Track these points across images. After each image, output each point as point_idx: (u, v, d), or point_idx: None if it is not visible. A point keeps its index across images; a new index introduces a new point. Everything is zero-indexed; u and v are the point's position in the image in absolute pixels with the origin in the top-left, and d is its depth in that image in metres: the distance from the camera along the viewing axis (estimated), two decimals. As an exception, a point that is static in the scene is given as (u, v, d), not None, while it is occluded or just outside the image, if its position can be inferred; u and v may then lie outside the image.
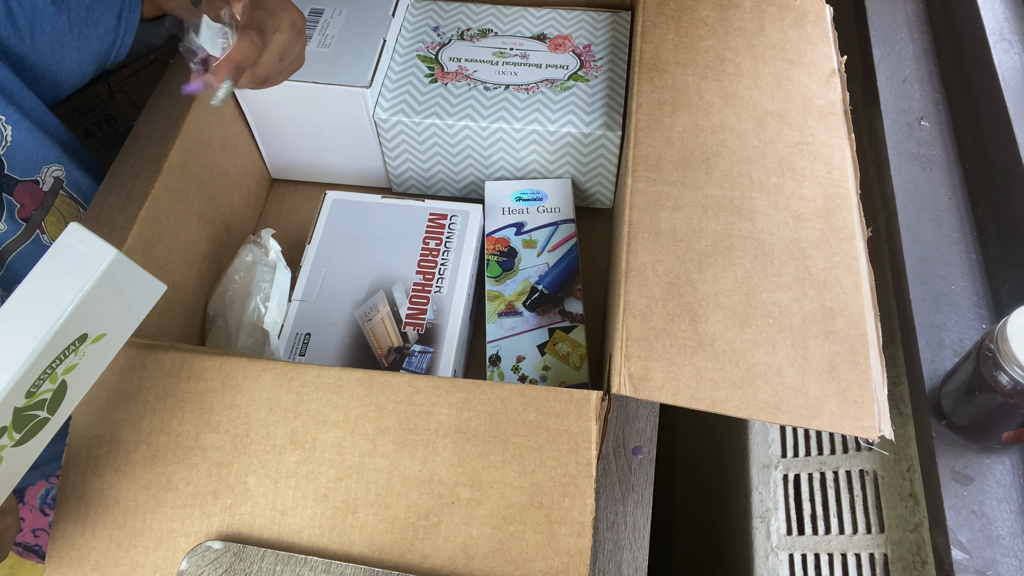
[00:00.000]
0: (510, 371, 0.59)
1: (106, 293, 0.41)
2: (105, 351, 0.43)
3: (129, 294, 0.43)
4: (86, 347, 0.41)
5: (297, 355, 0.60)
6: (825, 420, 0.45)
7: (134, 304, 0.44)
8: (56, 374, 0.41)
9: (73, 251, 0.40)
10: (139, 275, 0.43)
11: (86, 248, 0.40)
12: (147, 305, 0.44)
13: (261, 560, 0.44)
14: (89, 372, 0.43)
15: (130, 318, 0.44)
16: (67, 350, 0.41)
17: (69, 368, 0.41)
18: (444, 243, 0.64)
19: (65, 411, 0.42)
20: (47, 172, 0.58)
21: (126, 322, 0.44)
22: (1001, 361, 0.47)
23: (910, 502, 0.57)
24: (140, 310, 0.44)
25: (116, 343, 0.44)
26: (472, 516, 0.45)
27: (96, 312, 0.41)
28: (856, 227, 0.52)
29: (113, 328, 0.43)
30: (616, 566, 0.59)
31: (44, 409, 0.41)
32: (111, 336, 0.43)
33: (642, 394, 0.45)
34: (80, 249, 0.40)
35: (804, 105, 0.58)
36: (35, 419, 0.41)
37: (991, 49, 0.66)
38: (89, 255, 0.40)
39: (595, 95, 0.67)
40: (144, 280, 0.44)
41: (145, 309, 0.44)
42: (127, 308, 0.43)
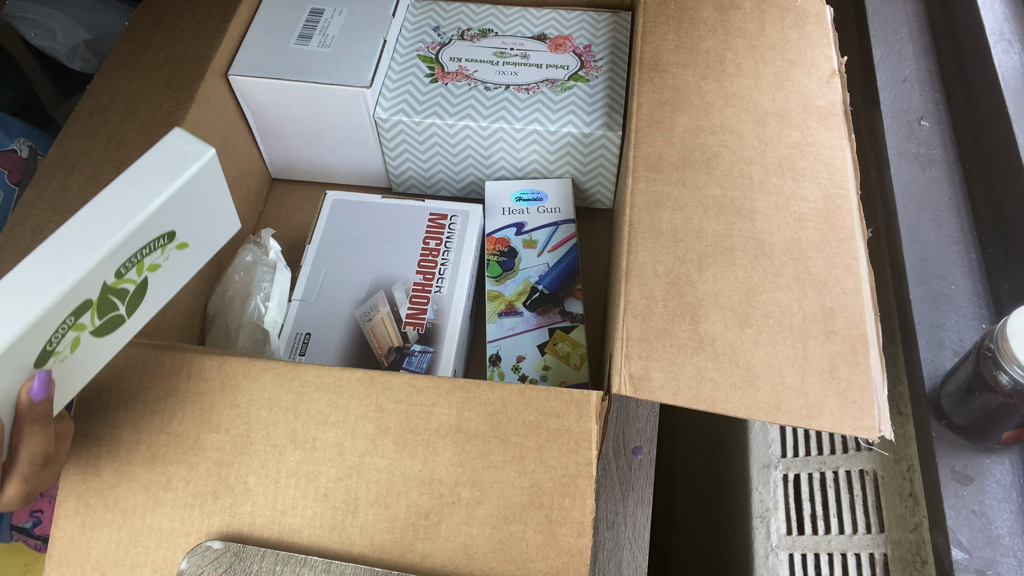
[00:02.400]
0: (510, 371, 0.59)
1: (199, 193, 0.44)
2: (181, 268, 0.45)
3: (214, 209, 0.46)
4: (171, 250, 0.44)
5: (297, 355, 0.60)
6: (825, 420, 0.45)
7: (214, 226, 0.47)
8: (143, 265, 0.43)
9: (175, 148, 0.43)
10: (224, 193, 0.46)
11: (187, 146, 0.43)
12: (223, 235, 0.47)
13: (261, 560, 0.44)
14: (165, 285, 0.45)
15: (208, 242, 0.46)
16: (156, 242, 0.43)
17: (154, 267, 0.43)
18: (444, 243, 0.64)
19: (138, 319, 0.44)
20: (20, 143, 0.61)
21: (204, 245, 0.46)
22: (1001, 361, 0.47)
23: (910, 502, 0.57)
24: (217, 237, 0.47)
25: (192, 264, 0.46)
26: (472, 516, 0.45)
27: (187, 211, 0.43)
28: (856, 227, 0.52)
29: (194, 242, 0.45)
30: (616, 566, 0.59)
31: (124, 303, 0.43)
32: (191, 252, 0.45)
33: (642, 394, 0.45)
34: (182, 146, 0.43)
35: (804, 106, 0.58)
36: (115, 312, 0.42)
37: (991, 49, 0.66)
38: (190, 151, 0.43)
39: (595, 95, 0.67)
40: (227, 203, 0.47)
41: (220, 240, 0.47)
42: (209, 226, 0.46)
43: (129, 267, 0.42)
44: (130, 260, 0.42)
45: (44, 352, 0.39)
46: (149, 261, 0.43)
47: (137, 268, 0.42)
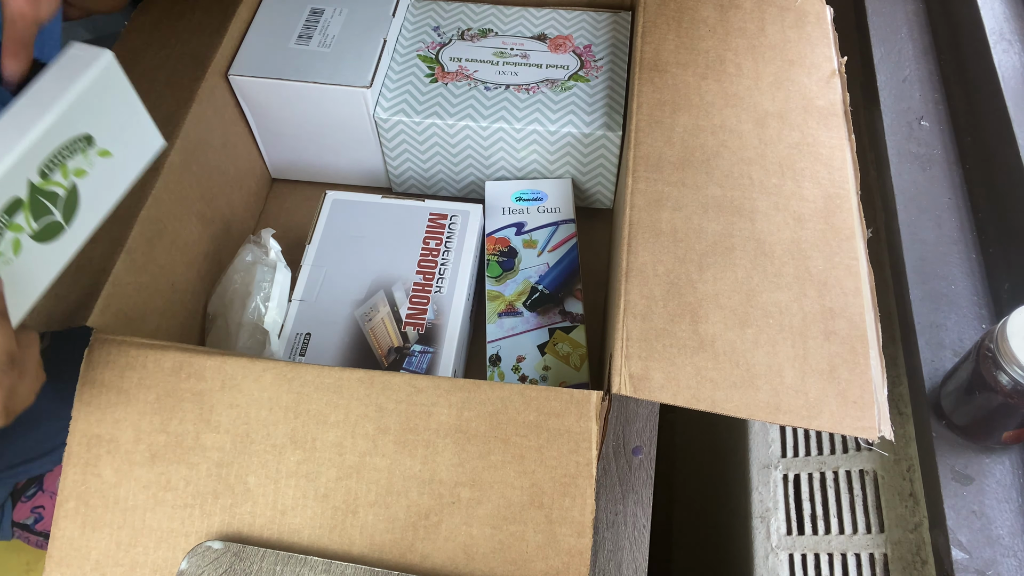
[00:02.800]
0: (510, 371, 0.59)
1: (105, 96, 0.46)
2: (111, 180, 0.47)
3: (129, 117, 0.47)
4: (94, 157, 0.45)
5: (297, 355, 0.60)
6: (825, 420, 0.45)
7: (135, 138, 0.48)
8: (67, 168, 0.44)
9: (74, 57, 0.45)
10: (135, 102, 0.48)
11: (85, 53, 0.46)
12: (147, 150, 0.49)
13: (261, 560, 0.44)
14: (98, 196, 0.46)
15: (132, 155, 0.48)
16: (75, 145, 0.44)
17: (79, 171, 0.45)
18: (444, 243, 0.64)
19: (80, 230, 0.45)
20: None
21: (129, 157, 0.47)
22: (1001, 361, 0.47)
23: (910, 502, 0.57)
24: (141, 151, 0.48)
25: (120, 177, 0.47)
26: (472, 516, 0.45)
27: (97, 114, 0.45)
28: (856, 227, 0.52)
29: (117, 151, 0.46)
30: (616, 566, 0.59)
31: (59, 209, 0.44)
32: (116, 162, 0.46)
33: (642, 394, 0.45)
34: (80, 55, 0.45)
35: (804, 106, 0.58)
36: (51, 218, 0.44)
37: (991, 49, 0.66)
38: (89, 56, 0.45)
39: (595, 95, 0.67)
40: (142, 114, 0.48)
41: (146, 155, 0.49)
42: (128, 136, 0.47)
43: (52, 168, 0.44)
44: (52, 161, 0.44)
45: None
46: (73, 165, 0.45)
47: (62, 171, 0.44)
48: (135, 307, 0.54)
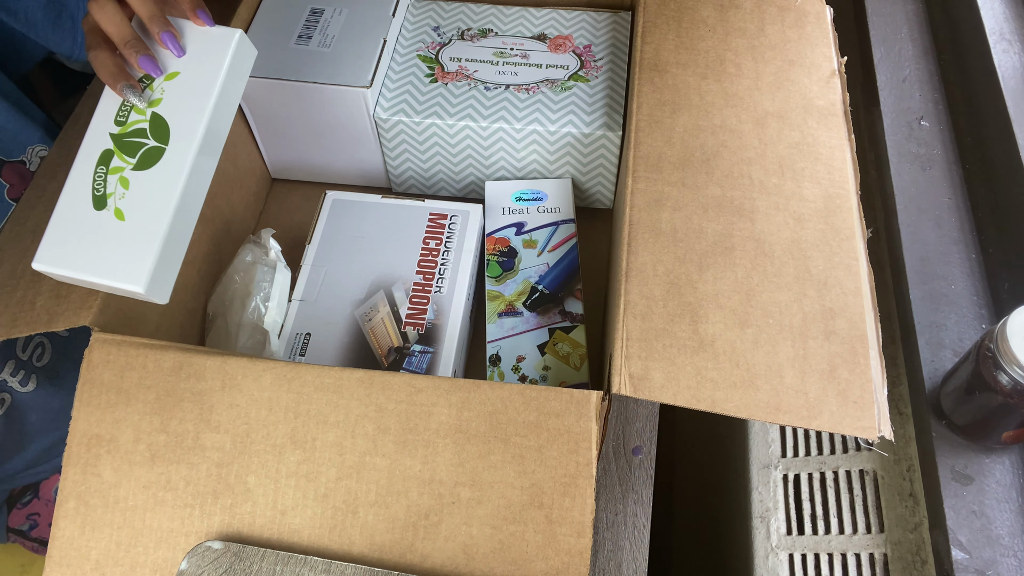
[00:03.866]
0: (510, 371, 0.59)
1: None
2: (194, 91, 0.49)
3: (191, 31, 0.50)
4: (162, 84, 0.49)
5: (297, 355, 0.60)
6: (825, 420, 0.45)
7: (204, 47, 0.50)
8: (139, 107, 0.49)
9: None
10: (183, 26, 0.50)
11: None
12: (221, 53, 0.50)
13: (261, 560, 0.44)
14: (188, 108, 0.48)
15: (207, 64, 0.49)
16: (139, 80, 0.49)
17: (154, 102, 0.48)
18: (444, 243, 0.64)
19: (181, 145, 0.48)
20: (32, 152, 0.60)
21: (203, 67, 0.49)
22: (1001, 361, 0.47)
23: (910, 502, 0.57)
24: (215, 58, 0.50)
25: (203, 85, 0.49)
26: (472, 516, 0.45)
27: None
28: (856, 227, 0.52)
29: (184, 69, 0.49)
30: (616, 566, 0.59)
31: (148, 136, 0.48)
32: (189, 77, 0.49)
33: (642, 394, 0.45)
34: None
35: (804, 106, 0.58)
36: (144, 145, 0.48)
37: (991, 49, 0.66)
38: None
39: (595, 95, 0.67)
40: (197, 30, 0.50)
41: (221, 57, 0.49)
42: (195, 48, 0.50)
43: (125, 113, 0.48)
44: (120, 109, 0.48)
45: (95, 196, 0.47)
46: (144, 101, 0.48)
47: (135, 110, 0.48)
48: (135, 307, 0.54)
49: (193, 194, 0.48)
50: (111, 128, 0.48)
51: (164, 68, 0.49)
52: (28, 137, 0.61)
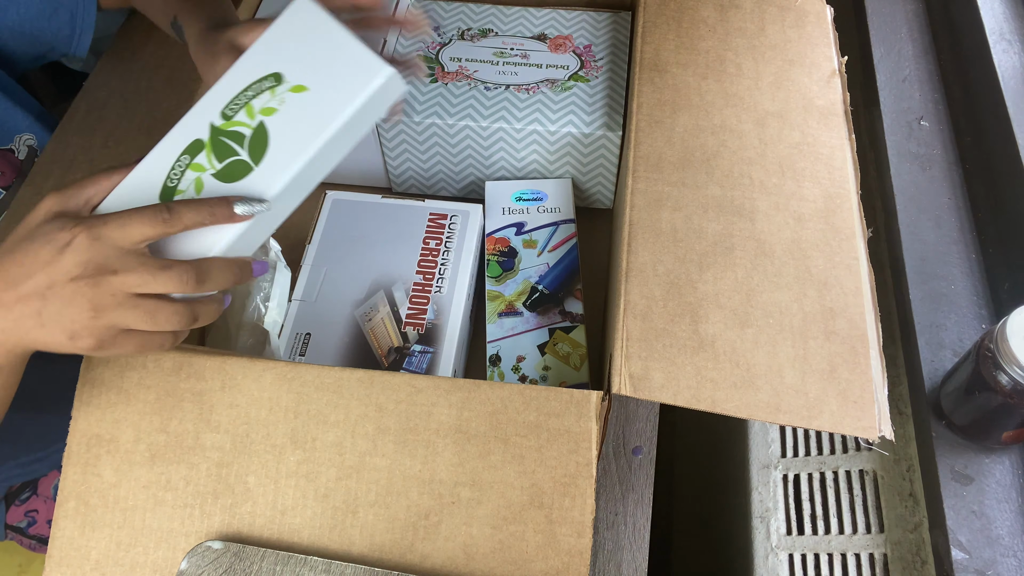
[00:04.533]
0: (510, 371, 0.59)
1: (299, 33, 0.44)
2: (313, 115, 0.43)
3: (331, 48, 0.44)
4: (284, 94, 0.43)
5: (297, 355, 0.60)
6: (825, 420, 0.45)
7: (341, 69, 0.43)
8: (252, 108, 0.43)
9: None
10: (338, 29, 0.44)
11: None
12: (361, 80, 0.43)
13: (261, 560, 0.44)
14: (294, 133, 0.43)
15: (340, 87, 0.43)
16: (260, 84, 0.43)
17: (267, 110, 0.43)
18: (444, 243, 0.64)
19: (272, 169, 0.42)
20: (20, 141, 0.60)
21: (335, 89, 0.43)
22: (1001, 361, 0.47)
23: (910, 502, 0.57)
24: (353, 82, 0.43)
25: (327, 111, 0.43)
26: (472, 516, 0.45)
27: (288, 52, 0.44)
28: (856, 227, 0.52)
29: (316, 85, 0.43)
30: (616, 566, 0.59)
31: (244, 147, 0.43)
32: (316, 96, 0.43)
33: (642, 394, 0.45)
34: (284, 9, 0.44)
35: (804, 105, 0.58)
36: (234, 156, 0.43)
37: (991, 49, 0.66)
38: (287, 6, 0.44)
39: (595, 95, 0.67)
40: (349, 42, 0.44)
41: (360, 85, 0.43)
42: (331, 68, 0.43)
43: (235, 108, 0.43)
44: (233, 102, 0.43)
45: (165, 187, 0.43)
46: (258, 104, 0.43)
47: (247, 111, 0.43)
48: (135, 307, 0.54)
49: (256, 231, 0.44)
50: (215, 118, 0.43)
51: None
52: (15, 125, 0.60)
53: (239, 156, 0.43)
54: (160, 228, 0.40)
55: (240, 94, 0.44)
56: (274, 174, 0.43)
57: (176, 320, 0.41)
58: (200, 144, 0.43)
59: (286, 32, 0.44)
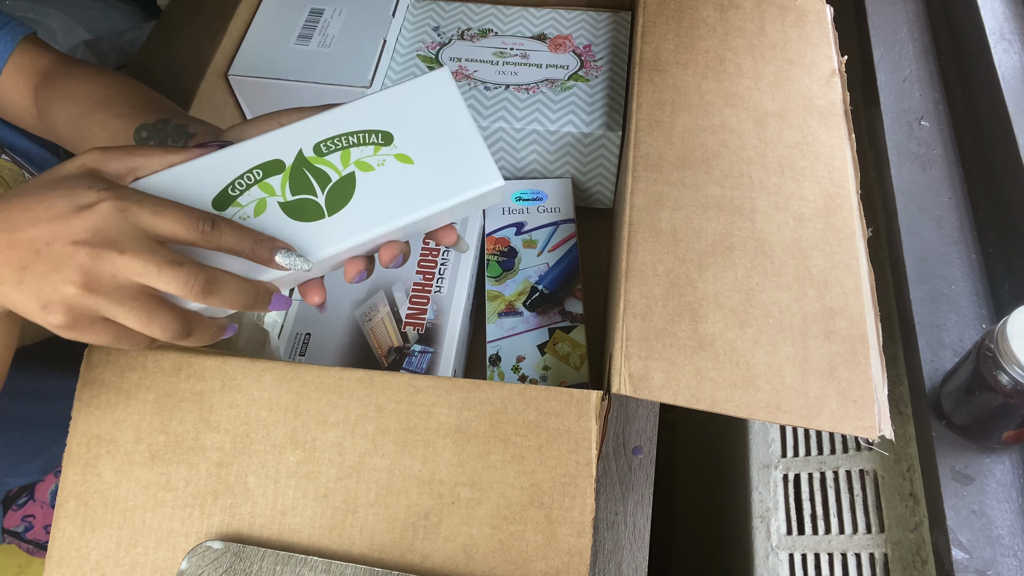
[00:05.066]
0: (510, 371, 0.59)
1: (423, 101, 0.42)
2: (406, 189, 0.41)
3: (451, 134, 0.42)
4: (387, 156, 0.41)
5: (297, 355, 0.60)
6: (825, 420, 0.45)
7: (454, 159, 0.41)
8: (348, 155, 0.41)
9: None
10: (466, 120, 0.42)
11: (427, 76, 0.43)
12: (470, 179, 0.41)
13: (261, 560, 0.44)
14: (381, 199, 0.40)
15: (446, 175, 0.41)
16: (366, 136, 0.41)
17: (363, 165, 0.41)
18: (444, 243, 0.64)
19: (340, 227, 0.40)
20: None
21: (440, 175, 0.41)
22: (1001, 361, 0.47)
23: (910, 502, 0.57)
24: (461, 178, 0.41)
25: (423, 192, 0.41)
26: (472, 516, 0.45)
27: (407, 116, 0.41)
28: (856, 227, 0.52)
29: (422, 162, 0.41)
30: (616, 566, 0.59)
31: (323, 191, 0.40)
32: (417, 173, 0.41)
33: (642, 394, 0.45)
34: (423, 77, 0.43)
35: (804, 105, 0.58)
36: (309, 194, 0.40)
37: (991, 49, 0.66)
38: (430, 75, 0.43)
39: (595, 95, 0.67)
40: (474, 139, 0.41)
41: (466, 182, 0.41)
42: (444, 153, 0.41)
43: (331, 148, 0.41)
44: (332, 140, 0.41)
45: (225, 194, 0.40)
46: (357, 154, 0.41)
47: (342, 156, 0.41)
48: (135, 307, 0.54)
49: (290, 279, 0.41)
50: (306, 147, 0.41)
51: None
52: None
53: (315, 198, 0.40)
54: (195, 236, 0.37)
55: (342, 135, 0.41)
56: (340, 234, 0.40)
57: (169, 329, 0.37)
58: (280, 166, 0.40)
59: (413, 101, 0.42)
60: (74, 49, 1.07)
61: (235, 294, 0.38)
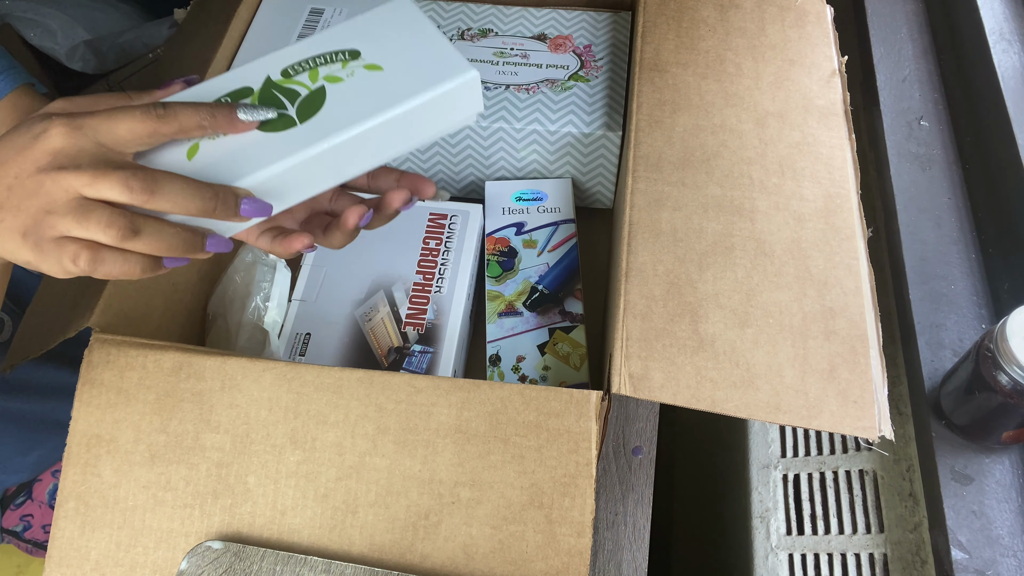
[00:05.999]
0: (510, 371, 0.59)
1: (390, 24, 0.43)
2: (379, 93, 0.41)
3: (414, 38, 0.42)
4: (357, 68, 0.41)
5: (297, 355, 0.60)
6: (825, 420, 0.45)
7: (421, 58, 0.42)
8: (317, 72, 0.41)
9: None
10: (427, 26, 0.43)
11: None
12: (439, 73, 0.41)
13: (261, 560, 0.44)
14: (354, 103, 0.41)
15: (417, 74, 0.42)
16: (334, 56, 0.42)
17: (332, 78, 0.41)
18: (444, 243, 0.64)
19: (315, 132, 0.40)
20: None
21: (410, 75, 0.42)
22: (1001, 361, 0.47)
23: (910, 502, 0.57)
24: (430, 74, 0.41)
25: (397, 92, 0.41)
26: (472, 516, 0.45)
27: (374, 37, 0.42)
28: (856, 227, 0.52)
29: (392, 67, 0.42)
30: (616, 566, 0.59)
31: (294, 104, 0.40)
32: (389, 77, 0.41)
33: (642, 394, 0.45)
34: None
35: (804, 105, 0.58)
36: (279, 108, 0.40)
37: (991, 49, 0.66)
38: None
39: (595, 95, 0.67)
40: (436, 39, 0.42)
41: (437, 77, 0.41)
42: (412, 55, 0.42)
43: (299, 70, 0.41)
44: (299, 64, 0.41)
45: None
46: (325, 71, 0.41)
47: (310, 75, 0.41)
48: (136, 307, 0.54)
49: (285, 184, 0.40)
50: (274, 72, 0.41)
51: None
52: None
53: (285, 112, 0.40)
54: (152, 124, 0.36)
55: (309, 59, 0.42)
56: (316, 135, 0.40)
57: (110, 226, 0.35)
58: (247, 91, 0.41)
59: (377, 24, 0.43)
60: (74, 49, 1.07)
61: (182, 194, 0.36)
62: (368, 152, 0.42)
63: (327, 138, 0.40)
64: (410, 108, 0.41)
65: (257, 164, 0.39)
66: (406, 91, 0.41)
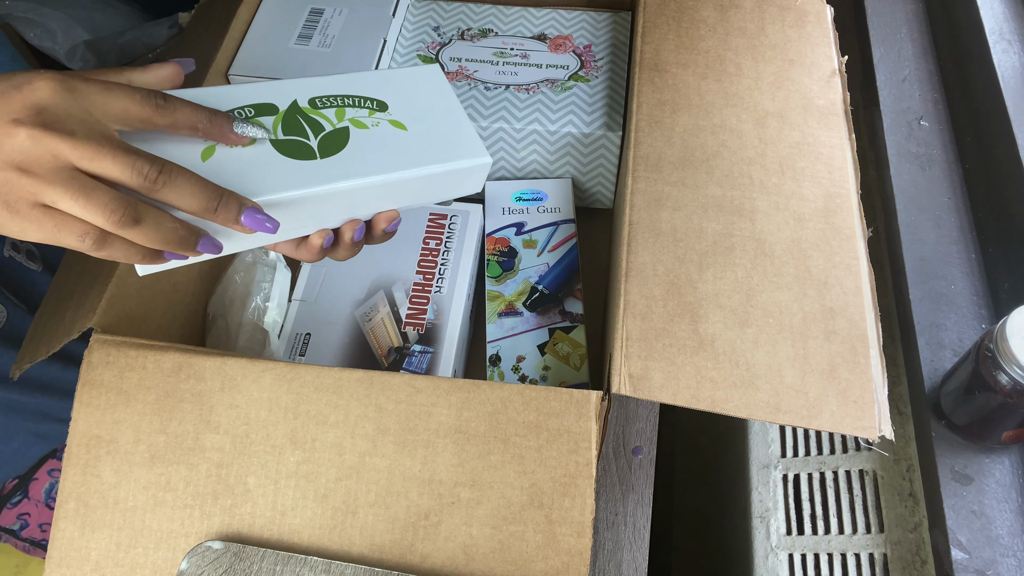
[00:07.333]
0: (510, 371, 0.59)
1: (420, 87, 0.45)
2: (398, 151, 0.42)
3: (442, 112, 0.45)
4: (382, 120, 0.43)
5: (297, 355, 0.60)
6: (825, 420, 0.45)
7: (445, 133, 0.44)
8: (343, 111, 0.42)
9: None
10: (456, 107, 0.45)
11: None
12: (459, 152, 0.43)
13: (261, 560, 0.44)
14: (372, 154, 0.42)
15: (437, 145, 0.43)
16: (362, 100, 0.43)
17: (358, 123, 0.42)
18: (444, 243, 0.64)
19: (336, 171, 0.40)
20: None
21: (431, 144, 0.43)
22: (1001, 361, 0.47)
23: (910, 502, 0.57)
24: (450, 149, 0.43)
25: (412, 154, 0.42)
26: (472, 516, 0.45)
27: (400, 90, 0.44)
28: (856, 227, 0.52)
29: (414, 129, 0.43)
30: (616, 566, 0.59)
31: (316, 137, 0.41)
32: (410, 140, 0.43)
33: (642, 394, 0.45)
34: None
35: (804, 105, 0.58)
36: (303, 137, 0.41)
37: (991, 49, 0.66)
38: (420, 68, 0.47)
39: (595, 95, 0.67)
40: (463, 122, 0.45)
41: (456, 153, 0.43)
42: (436, 127, 0.44)
43: (327, 104, 0.42)
44: (328, 98, 0.42)
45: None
46: (352, 113, 0.42)
47: (337, 112, 0.42)
48: (137, 308, 0.54)
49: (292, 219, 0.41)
50: (301, 99, 0.42)
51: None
52: None
53: (307, 141, 0.41)
54: (148, 111, 0.34)
55: (338, 96, 0.42)
56: (333, 175, 0.40)
57: (109, 209, 0.33)
58: (272, 108, 0.41)
59: (406, 83, 0.45)
60: (74, 49, 1.07)
61: (192, 193, 0.35)
62: (376, 199, 0.43)
63: (344, 179, 0.41)
64: (426, 174, 0.43)
65: (273, 186, 0.39)
66: (425, 157, 0.43)
